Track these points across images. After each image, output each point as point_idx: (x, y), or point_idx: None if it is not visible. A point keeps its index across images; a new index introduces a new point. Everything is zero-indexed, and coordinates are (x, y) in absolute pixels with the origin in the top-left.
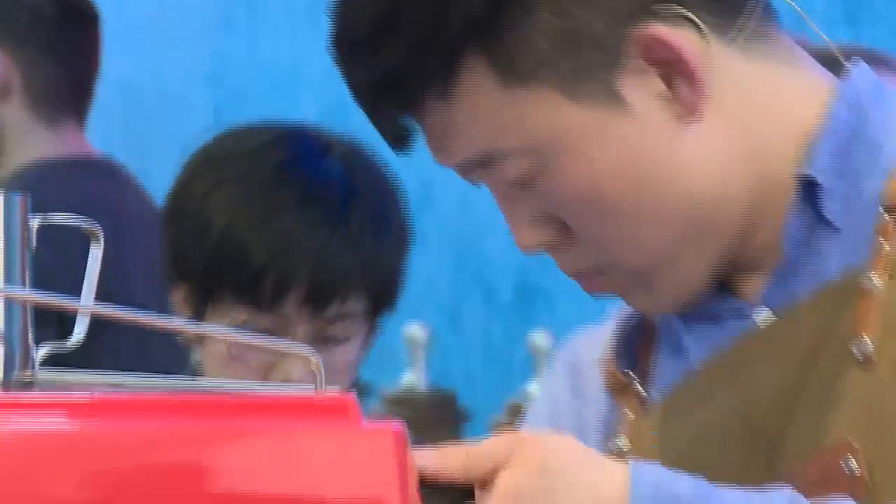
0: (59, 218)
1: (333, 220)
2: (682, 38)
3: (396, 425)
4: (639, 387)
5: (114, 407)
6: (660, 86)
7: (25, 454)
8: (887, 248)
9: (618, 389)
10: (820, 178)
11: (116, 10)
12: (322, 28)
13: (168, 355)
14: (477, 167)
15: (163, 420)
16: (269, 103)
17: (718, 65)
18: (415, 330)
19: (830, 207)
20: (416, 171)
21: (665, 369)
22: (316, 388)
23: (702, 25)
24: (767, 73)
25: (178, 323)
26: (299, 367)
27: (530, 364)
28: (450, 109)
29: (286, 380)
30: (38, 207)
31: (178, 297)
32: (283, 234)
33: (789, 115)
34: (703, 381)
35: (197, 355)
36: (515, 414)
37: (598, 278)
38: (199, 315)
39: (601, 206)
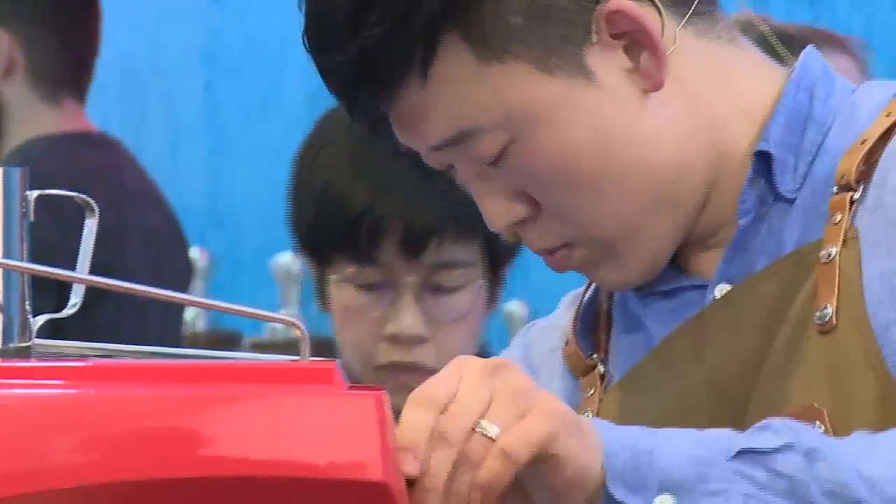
0: (56, 191)
1: (425, 168)
2: (644, 13)
3: (378, 391)
4: (601, 367)
5: (107, 374)
6: (624, 60)
7: (22, 418)
8: (838, 217)
9: (581, 372)
10: (773, 152)
11: None
12: None
13: (165, 325)
14: (450, 146)
15: (155, 386)
16: (260, 79)
17: (675, 42)
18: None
19: (784, 181)
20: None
21: (624, 348)
22: (302, 357)
23: (658, 3)
24: (721, 53)
25: (168, 293)
26: (411, 316)
27: (506, 333)
28: (427, 90)
29: (397, 333)
30: (39, 181)
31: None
32: (376, 183)
33: (744, 93)
34: (666, 356)
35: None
36: None
37: (565, 253)
38: (320, 278)
39: (572, 177)
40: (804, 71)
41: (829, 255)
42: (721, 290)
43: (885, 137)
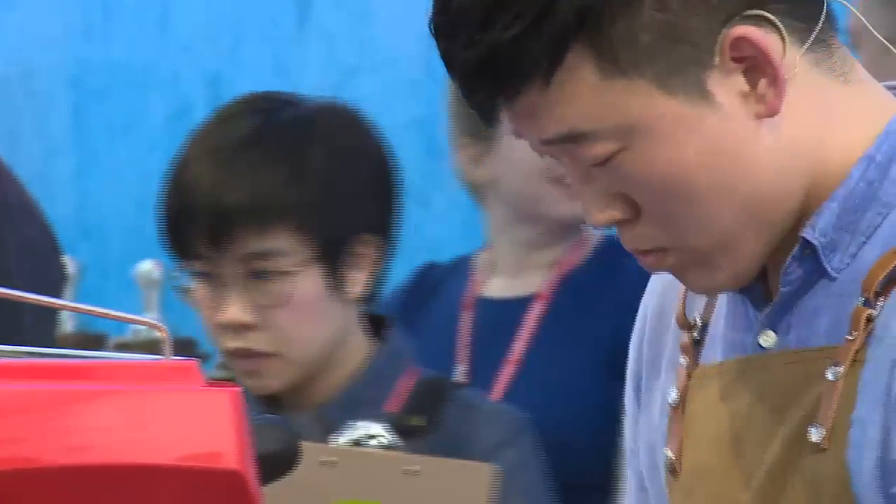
0: None
1: (227, 166)
2: (768, 40)
3: (233, 388)
4: (697, 334)
5: None
6: (743, 84)
7: None
8: (854, 335)
9: (683, 327)
10: (817, 243)
11: None
12: (170, 33)
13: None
14: (561, 143)
15: (27, 382)
16: (123, 102)
17: (795, 69)
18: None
19: (831, 260)
20: None
21: (718, 335)
22: (164, 356)
23: (784, 31)
24: (833, 88)
25: (46, 298)
26: (235, 305)
27: None
28: (547, 92)
29: (225, 321)
30: None
31: None
32: (184, 184)
33: (841, 138)
34: (726, 374)
35: None
36: None
37: (658, 255)
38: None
39: (680, 191)
40: (884, 143)
41: (836, 374)
42: (765, 337)
43: None
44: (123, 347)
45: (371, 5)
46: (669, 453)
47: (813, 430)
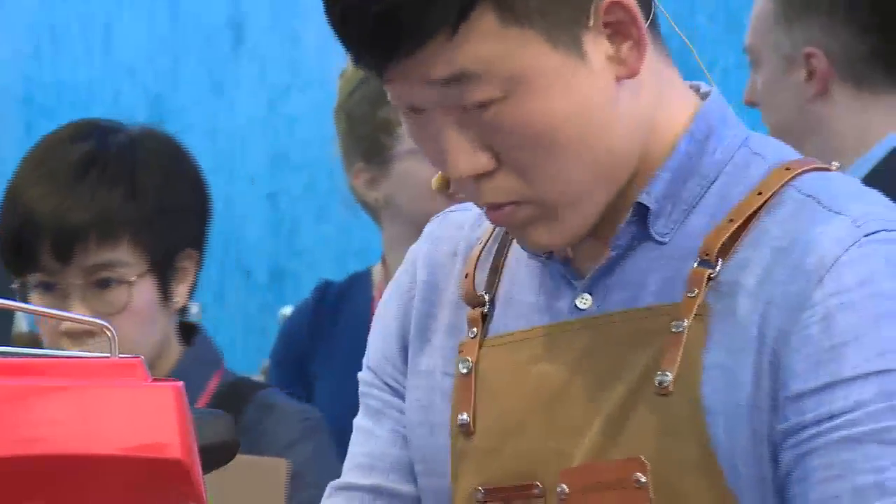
0: None
1: (68, 187)
2: (634, 6)
3: (176, 383)
4: (487, 308)
5: None
6: (609, 48)
7: None
8: (695, 291)
9: (471, 303)
10: (652, 207)
11: None
12: (113, 55)
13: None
14: (446, 85)
15: None
16: (70, 120)
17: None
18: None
19: (657, 226)
20: None
21: (516, 307)
22: (111, 354)
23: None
24: (663, 63)
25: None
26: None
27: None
28: (447, 44)
29: (68, 330)
30: None
31: None
32: (24, 205)
33: (671, 108)
34: (536, 342)
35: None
36: (268, 373)
37: (510, 209)
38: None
39: (547, 142)
40: (701, 120)
41: (680, 327)
42: (582, 299)
43: (751, 218)
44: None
45: (300, 29)
46: (465, 416)
47: (658, 376)
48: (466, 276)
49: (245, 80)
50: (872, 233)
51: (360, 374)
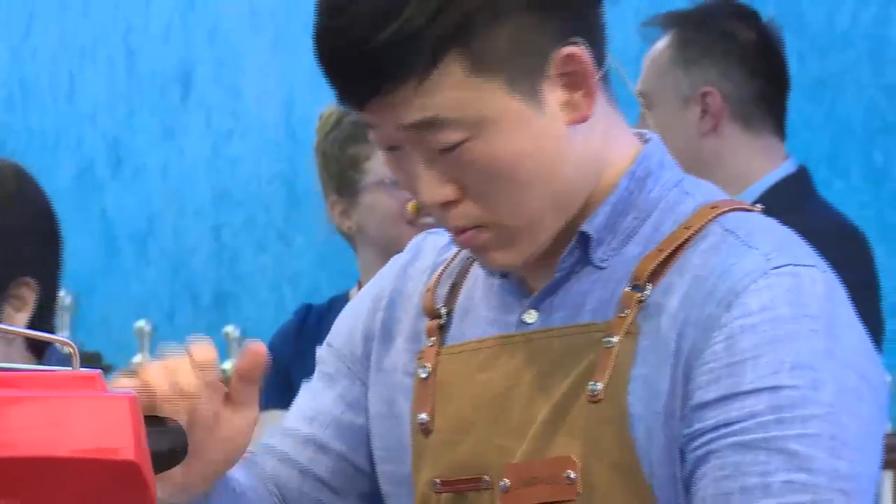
0: None
1: None
2: (586, 57)
3: (131, 393)
4: (444, 320)
5: None
6: (564, 95)
7: None
8: (626, 312)
9: (430, 316)
10: (594, 235)
11: None
12: (76, 104)
13: None
14: (417, 129)
15: None
16: (37, 161)
17: (597, 89)
18: (142, 324)
19: (596, 254)
20: (142, 209)
21: (471, 319)
22: (73, 367)
23: (594, 56)
24: (611, 110)
25: None
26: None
27: (225, 349)
28: (419, 89)
29: None
30: None
31: None
32: None
33: (615, 156)
34: (488, 352)
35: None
36: None
37: (473, 233)
38: None
39: (507, 176)
40: (641, 163)
41: (611, 342)
42: (529, 314)
43: (678, 249)
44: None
45: (241, 82)
46: (424, 416)
47: (591, 385)
48: (428, 291)
49: (192, 126)
50: (780, 266)
51: (319, 351)
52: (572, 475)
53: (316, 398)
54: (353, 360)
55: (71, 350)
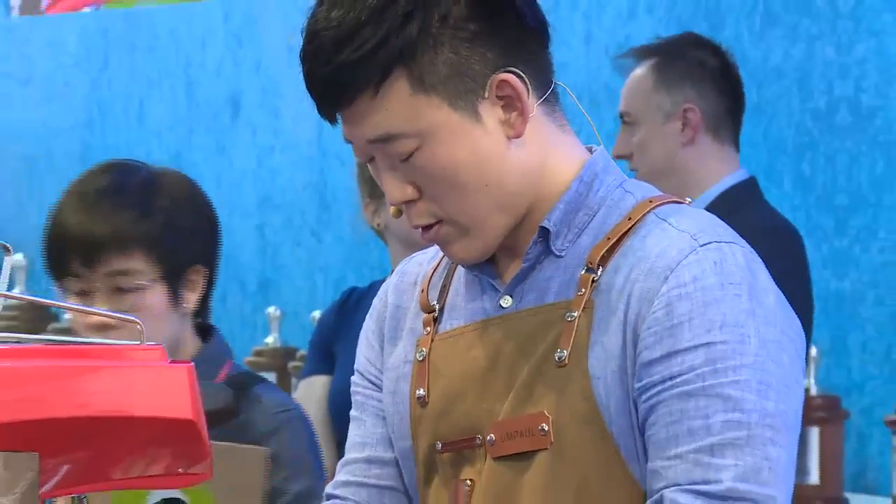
0: None
1: (92, 208)
2: (520, 85)
3: (188, 363)
4: (437, 314)
5: (12, 353)
6: (501, 114)
7: None
8: (583, 291)
9: (426, 311)
10: (551, 229)
11: None
12: (145, 124)
13: None
14: (379, 143)
15: (41, 360)
16: None
17: (533, 111)
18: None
19: (556, 244)
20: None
21: (458, 311)
22: (140, 341)
23: (529, 84)
24: (553, 130)
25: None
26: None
27: (267, 326)
28: (374, 101)
29: (93, 323)
30: None
31: None
32: (60, 222)
33: (559, 163)
34: (471, 333)
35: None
36: (259, 354)
37: (434, 229)
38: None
39: (452, 181)
40: (588, 169)
41: (572, 316)
42: (505, 300)
43: (622, 237)
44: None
45: (281, 106)
46: (421, 391)
47: (557, 353)
48: (422, 292)
49: (240, 143)
50: (706, 244)
51: (352, 378)
52: (546, 428)
53: (359, 426)
54: (375, 374)
55: (139, 327)
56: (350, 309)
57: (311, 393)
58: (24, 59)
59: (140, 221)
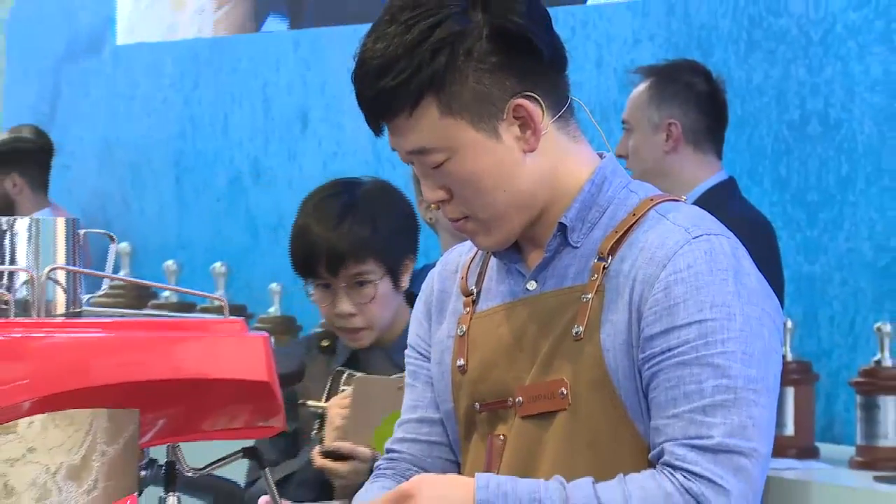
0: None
1: (336, 220)
2: (534, 108)
3: (265, 334)
4: (474, 296)
5: (118, 325)
6: (517, 132)
7: (75, 345)
8: (595, 276)
9: (465, 294)
10: (568, 224)
11: None
12: (229, 134)
13: None
14: (415, 154)
15: (141, 331)
16: (203, 175)
17: (546, 129)
18: (274, 286)
19: (572, 237)
20: (274, 207)
21: (491, 293)
22: (224, 316)
23: (543, 105)
24: (566, 143)
25: (147, 282)
26: (343, 303)
27: None
28: (409, 121)
29: (338, 312)
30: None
31: None
32: (311, 229)
33: (572, 170)
34: (502, 312)
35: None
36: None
37: (463, 222)
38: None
39: (475, 187)
40: (599, 173)
41: (587, 298)
42: (530, 284)
43: (628, 230)
44: (206, 311)
45: (343, 120)
46: (461, 361)
47: (574, 328)
48: (462, 279)
49: (308, 151)
50: (698, 236)
51: (405, 351)
52: (564, 392)
53: (413, 391)
54: (424, 347)
55: (223, 304)
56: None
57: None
58: (129, 81)
59: (372, 237)
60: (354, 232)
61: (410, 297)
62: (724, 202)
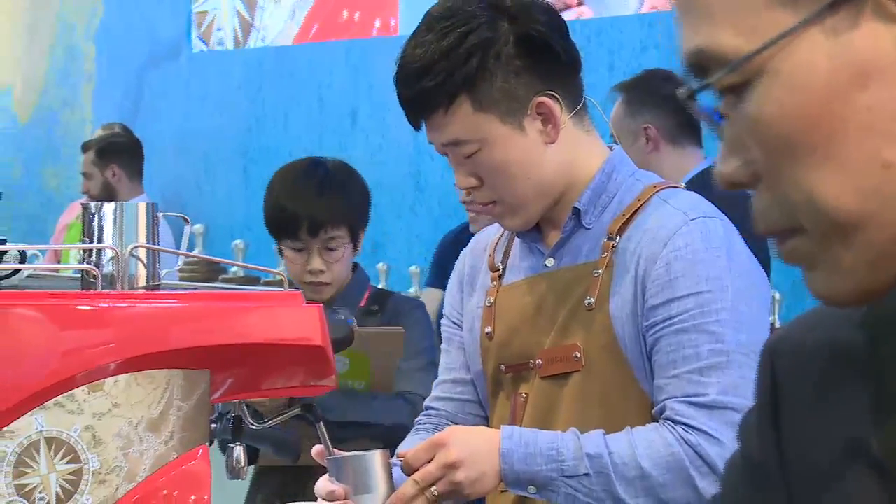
0: (169, 213)
1: (317, 192)
2: (554, 105)
3: (319, 305)
4: (501, 271)
5: (191, 296)
6: (540, 126)
7: (150, 314)
8: (605, 254)
9: (493, 269)
10: (581, 208)
11: None
12: (288, 131)
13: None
14: (448, 146)
15: (208, 301)
16: (268, 164)
17: (565, 123)
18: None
19: (585, 219)
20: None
21: (515, 269)
22: (283, 289)
23: (562, 102)
24: (581, 135)
25: (218, 259)
26: (316, 262)
27: (377, 277)
28: (445, 118)
29: (310, 269)
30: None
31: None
32: (295, 199)
33: (586, 159)
34: (522, 288)
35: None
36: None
37: (490, 206)
38: (279, 247)
39: (502, 174)
40: (608, 163)
41: (598, 273)
42: (549, 261)
43: (634, 213)
44: (269, 284)
45: (387, 116)
46: (489, 329)
47: (587, 299)
48: (490, 256)
49: (358, 143)
50: (695, 218)
51: (441, 320)
52: (578, 355)
53: (447, 355)
54: (457, 316)
55: (283, 278)
56: (462, 241)
57: (429, 301)
58: (202, 83)
59: (346, 207)
60: (333, 202)
61: (355, 266)
62: (707, 185)
